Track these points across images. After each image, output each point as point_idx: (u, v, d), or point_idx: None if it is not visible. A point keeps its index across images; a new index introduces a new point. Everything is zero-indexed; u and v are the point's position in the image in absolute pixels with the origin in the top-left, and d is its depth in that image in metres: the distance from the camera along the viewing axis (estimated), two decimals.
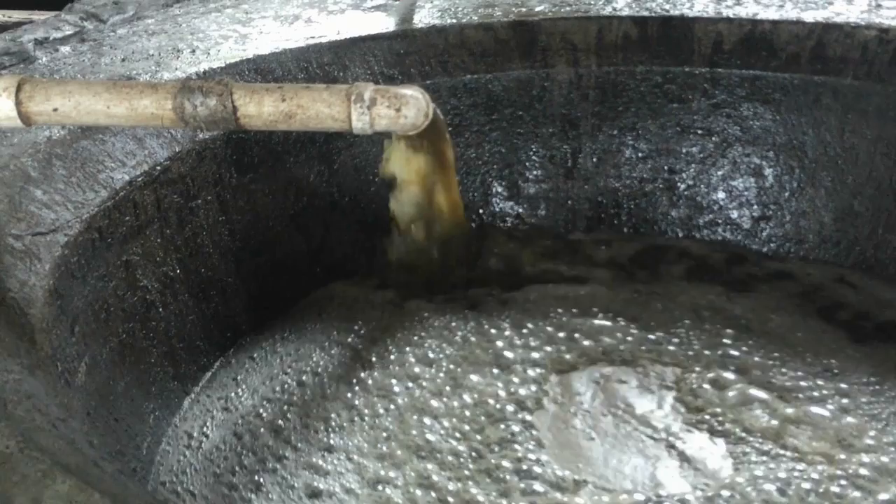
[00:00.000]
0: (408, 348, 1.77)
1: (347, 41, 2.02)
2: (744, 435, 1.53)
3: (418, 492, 1.44)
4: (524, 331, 1.81)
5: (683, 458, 1.49)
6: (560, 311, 1.87)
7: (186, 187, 1.71)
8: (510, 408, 1.61)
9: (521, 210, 2.17)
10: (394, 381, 1.69)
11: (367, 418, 1.60)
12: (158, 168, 1.64)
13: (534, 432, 1.55)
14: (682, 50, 2.06)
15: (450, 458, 1.50)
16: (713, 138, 2.10)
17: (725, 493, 1.41)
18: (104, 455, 1.20)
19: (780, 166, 2.07)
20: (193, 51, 1.95)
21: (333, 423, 1.59)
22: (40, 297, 1.28)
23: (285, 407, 1.64)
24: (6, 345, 1.14)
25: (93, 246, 1.46)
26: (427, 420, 1.59)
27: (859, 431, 1.53)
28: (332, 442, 1.55)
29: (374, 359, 1.75)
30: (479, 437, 1.54)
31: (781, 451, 1.49)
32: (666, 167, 2.14)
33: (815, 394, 1.63)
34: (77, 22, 2.10)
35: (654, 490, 1.43)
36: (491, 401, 1.62)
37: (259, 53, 1.93)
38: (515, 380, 1.68)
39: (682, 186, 2.13)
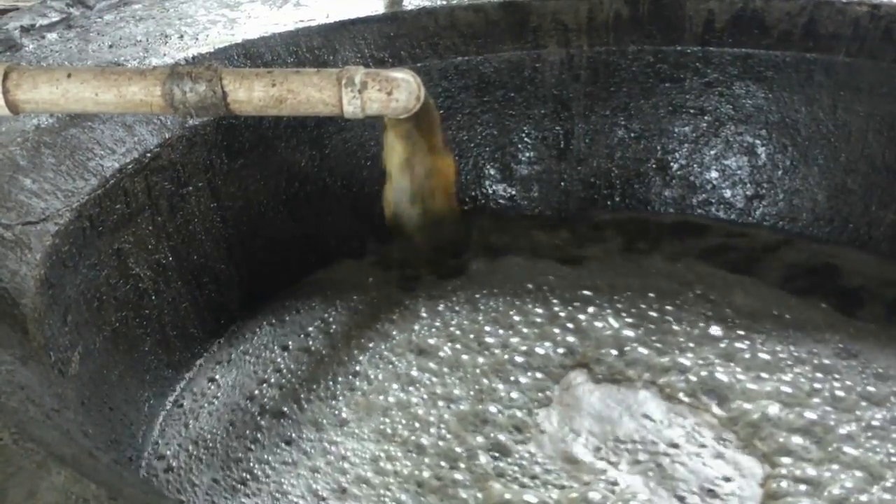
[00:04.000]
0: (401, 330, 1.77)
1: (337, 24, 2.01)
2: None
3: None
4: (515, 311, 1.81)
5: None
6: (551, 292, 1.87)
7: (177, 174, 1.70)
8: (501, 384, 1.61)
9: (513, 192, 2.16)
10: (386, 363, 1.69)
11: (360, 399, 1.60)
12: (149, 155, 1.63)
13: (524, 413, 1.55)
14: (673, 29, 2.05)
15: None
16: (706, 117, 2.10)
17: None
18: (99, 444, 1.19)
19: (773, 144, 2.06)
20: (182, 36, 1.94)
21: (326, 403, 1.60)
22: (32, 287, 1.27)
23: (279, 387, 1.64)
24: None
25: (84, 234, 1.45)
26: (421, 404, 1.59)
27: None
28: (325, 420, 1.56)
29: (366, 341, 1.75)
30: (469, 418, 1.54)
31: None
32: (659, 147, 2.13)
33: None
34: (63, 8, 2.07)
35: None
36: (485, 380, 1.63)
37: (248, 38, 1.91)
38: (505, 356, 1.68)
39: (676, 166, 2.13)
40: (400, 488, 1.42)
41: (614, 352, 1.70)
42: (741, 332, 1.73)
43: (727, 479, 1.42)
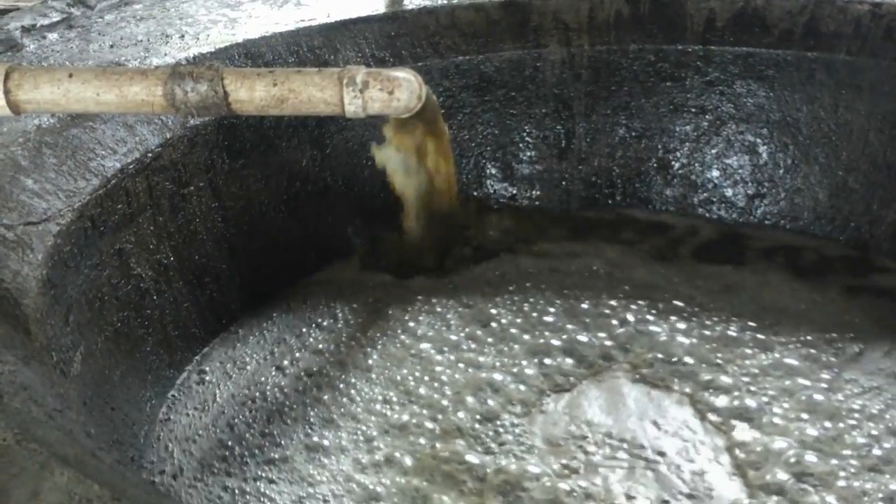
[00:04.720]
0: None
1: (338, 24, 2.01)
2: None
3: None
4: (590, 299, 1.82)
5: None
6: (641, 293, 1.85)
7: (178, 174, 1.70)
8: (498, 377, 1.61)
9: (515, 191, 2.16)
10: (442, 325, 1.74)
11: (395, 350, 1.68)
12: (150, 155, 1.63)
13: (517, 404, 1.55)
14: (674, 27, 2.05)
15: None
16: (707, 116, 2.10)
17: None
18: (101, 445, 1.19)
19: (775, 143, 2.06)
20: (182, 36, 1.93)
21: (363, 349, 1.69)
22: (34, 287, 1.27)
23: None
24: (0, 336, 1.13)
25: (85, 235, 1.45)
26: (445, 363, 1.63)
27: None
28: (352, 363, 1.64)
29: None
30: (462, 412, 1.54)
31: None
32: (660, 146, 2.13)
33: None
34: (64, 8, 2.07)
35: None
36: (519, 355, 1.66)
37: (249, 38, 1.91)
38: (551, 339, 1.70)
39: (677, 165, 2.13)
40: (377, 427, 1.51)
41: (663, 357, 1.65)
42: (826, 375, 1.59)
43: (690, 496, 1.35)
